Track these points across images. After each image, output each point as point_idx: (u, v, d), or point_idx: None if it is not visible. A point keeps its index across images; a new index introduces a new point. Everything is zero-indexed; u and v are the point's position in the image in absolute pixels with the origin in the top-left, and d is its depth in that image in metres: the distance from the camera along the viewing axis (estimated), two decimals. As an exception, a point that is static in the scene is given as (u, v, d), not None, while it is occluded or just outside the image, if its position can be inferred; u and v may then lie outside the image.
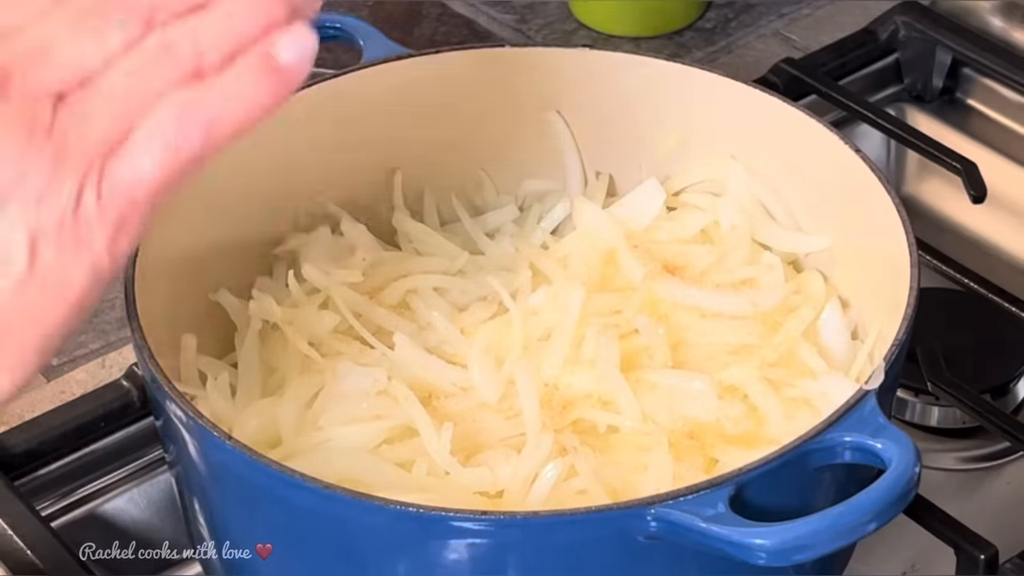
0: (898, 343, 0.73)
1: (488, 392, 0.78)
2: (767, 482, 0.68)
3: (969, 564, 0.80)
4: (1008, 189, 1.07)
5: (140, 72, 0.55)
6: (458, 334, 0.81)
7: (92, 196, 0.54)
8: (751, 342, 0.80)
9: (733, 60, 1.17)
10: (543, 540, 0.68)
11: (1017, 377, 0.94)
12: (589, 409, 0.77)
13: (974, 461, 0.92)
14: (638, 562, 0.68)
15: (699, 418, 0.77)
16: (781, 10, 1.21)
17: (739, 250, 0.85)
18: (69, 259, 0.54)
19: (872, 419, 0.70)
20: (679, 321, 0.81)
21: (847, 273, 0.84)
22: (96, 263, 0.55)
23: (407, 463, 0.74)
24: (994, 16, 1.16)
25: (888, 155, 1.10)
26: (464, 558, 0.68)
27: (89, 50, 0.55)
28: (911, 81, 1.13)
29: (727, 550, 0.66)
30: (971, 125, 1.12)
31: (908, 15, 1.12)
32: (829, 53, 1.11)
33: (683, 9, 1.20)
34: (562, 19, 1.21)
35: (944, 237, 1.03)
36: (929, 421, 0.93)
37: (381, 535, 0.69)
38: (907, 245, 0.77)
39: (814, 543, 0.66)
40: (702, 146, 0.88)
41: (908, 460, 0.68)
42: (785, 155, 0.86)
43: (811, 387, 0.78)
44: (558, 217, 0.89)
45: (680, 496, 0.66)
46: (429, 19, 1.22)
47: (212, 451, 0.70)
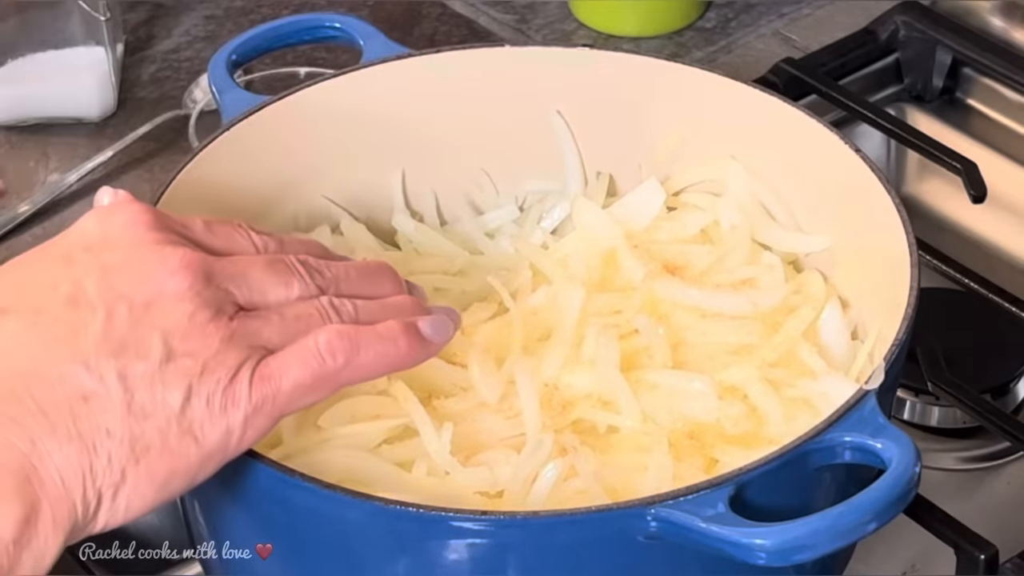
0: (898, 343, 0.73)
1: (488, 392, 0.78)
2: (767, 482, 0.68)
3: (969, 564, 0.80)
4: (1008, 189, 1.07)
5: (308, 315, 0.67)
6: (458, 334, 0.81)
7: (246, 375, 0.64)
8: (751, 342, 0.80)
9: (733, 60, 1.17)
10: (543, 540, 0.68)
11: (1017, 377, 0.94)
12: (589, 409, 0.77)
13: (974, 461, 0.92)
14: (638, 562, 0.68)
15: (699, 418, 0.77)
16: (781, 10, 1.21)
17: (739, 250, 0.85)
18: (213, 417, 0.64)
19: (872, 419, 0.70)
20: (679, 321, 0.81)
21: (847, 273, 0.84)
22: (230, 429, 0.64)
23: (407, 463, 0.74)
24: (994, 16, 1.16)
25: (888, 155, 1.10)
26: (464, 558, 0.68)
27: (274, 287, 0.67)
28: (911, 81, 1.13)
29: (727, 550, 0.66)
30: (971, 125, 1.12)
31: (908, 15, 1.12)
32: (829, 53, 1.11)
33: (683, 9, 1.20)
34: (562, 19, 1.21)
35: (944, 237, 1.03)
36: (929, 421, 0.93)
37: (381, 535, 0.69)
38: (907, 245, 0.77)
39: (814, 543, 0.66)
40: (702, 146, 0.88)
41: (908, 460, 0.68)
42: (785, 155, 0.86)
43: (811, 387, 0.77)
44: (558, 217, 0.89)
45: (680, 496, 0.66)
46: (429, 19, 1.22)
47: (212, 451, 0.70)
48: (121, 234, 0.65)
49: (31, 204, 1.07)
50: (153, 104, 1.15)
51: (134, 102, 1.15)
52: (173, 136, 1.12)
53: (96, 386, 0.62)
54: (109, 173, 1.09)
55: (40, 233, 1.05)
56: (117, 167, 1.10)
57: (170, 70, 1.17)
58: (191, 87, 1.14)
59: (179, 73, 1.17)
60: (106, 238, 0.65)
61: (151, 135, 1.11)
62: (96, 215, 0.66)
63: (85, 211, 0.68)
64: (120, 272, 0.64)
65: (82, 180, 1.08)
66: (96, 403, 0.61)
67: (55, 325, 0.62)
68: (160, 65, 1.18)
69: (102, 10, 1.10)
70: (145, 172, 1.10)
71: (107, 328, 0.62)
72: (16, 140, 1.13)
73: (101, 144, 1.11)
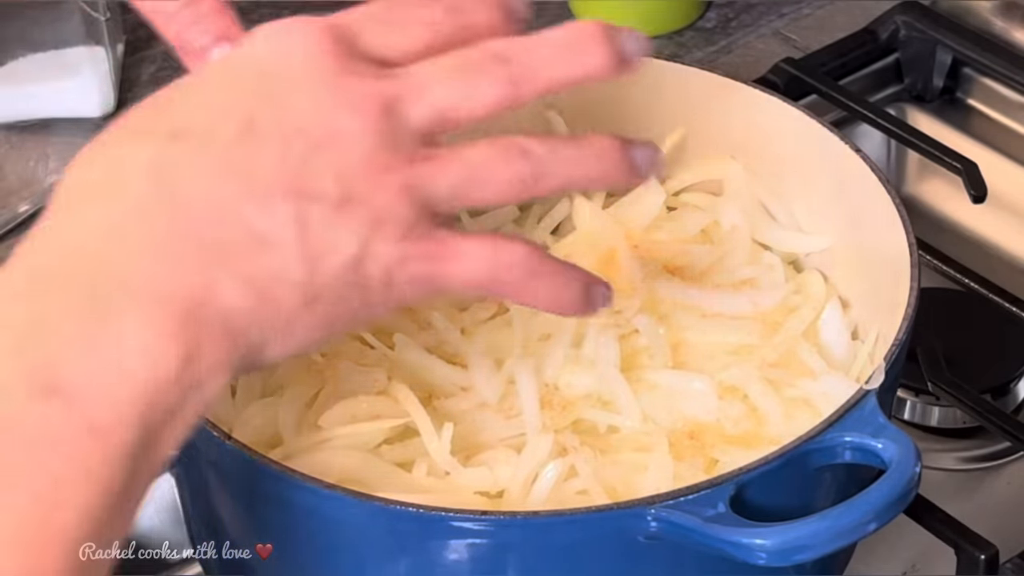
0: (898, 343, 0.73)
1: (488, 392, 0.78)
2: (767, 482, 0.68)
3: (969, 564, 0.80)
4: (1008, 189, 1.07)
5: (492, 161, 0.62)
6: (458, 334, 0.81)
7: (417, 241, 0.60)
8: (751, 342, 0.80)
9: (733, 60, 1.17)
10: (543, 540, 0.68)
11: (1017, 377, 0.94)
12: (589, 409, 0.77)
13: (974, 461, 0.92)
14: (638, 562, 0.68)
15: (699, 418, 0.77)
16: (781, 10, 1.21)
17: (739, 250, 0.85)
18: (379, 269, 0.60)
19: (872, 419, 0.70)
20: (679, 321, 0.81)
21: (847, 273, 0.84)
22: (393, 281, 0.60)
23: (407, 463, 0.74)
24: (994, 16, 1.16)
25: (888, 155, 1.10)
26: (464, 558, 0.68)
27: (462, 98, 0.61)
28: (911, 81, 1.13)
29: (727, 550, 0.66)
30: (971, 125, 1.12)
31: (908, 15, 1.12)
32: (829, 53, 1.11)
33: (683, 9, 1.20)
34: (562, 19, 1.20)
35: (944, 237, 1.03)
36: (929, 421, 0.93)
37: (381, 535, 0.69)
38: (907, 245, 0.77)
39: (814, 543, 0.66)
40: (702, 146, 0.88)
41: (908, 460, 0.68)
42: (785, 155, 0.86)
43: (811, 387, 0.77)
44: (558, 217, 0.89)
45: (680, 496, 0.66)
46: (429, 19, 1.21)
47: (212, 451, 0.70)
48: (297, 60, 0.60)
49: (31, 204, 1.07)
50: (153, 104, 1.14)
51: (134, 102, 1.14)
52: (173, 136, 1.12)
53: (270, 226, 0.58)
54: (109, 173, 1.09)
55: (40, 233, 1.05)
56: (117, 167, 1.10)
57: (170, 70, 1.17)
58: (191, 87, 1.14)
59: (179, 73, 1.15)
60: (280, 63, 0.60)
61: (151, 135, 1.11)
62: (269, 35, 0.61)
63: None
64: (296, 104, 0.59)
65: (82, 180, 1.08)
66: (270, 245, 0.58)
67: (228, 155, 0.58)
68: (160, 65, 1.18)
69: (102, 10, 1.10)
70: (145, 172, 1.10)
71: (281, 164, 0.58)
72: (16, 140, 1.12)
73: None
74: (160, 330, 0.56)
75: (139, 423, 0.55)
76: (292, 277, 0.58)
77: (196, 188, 0.58)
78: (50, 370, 0.54)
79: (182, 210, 0.58)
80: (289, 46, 0.61)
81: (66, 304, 0.56)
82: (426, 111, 0.61)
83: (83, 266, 0.57)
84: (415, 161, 0.60)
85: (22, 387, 0.54)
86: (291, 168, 0.58)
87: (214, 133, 0.59)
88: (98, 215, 0.58)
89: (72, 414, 0.54)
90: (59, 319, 0.55)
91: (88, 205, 0.58)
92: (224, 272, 0.57)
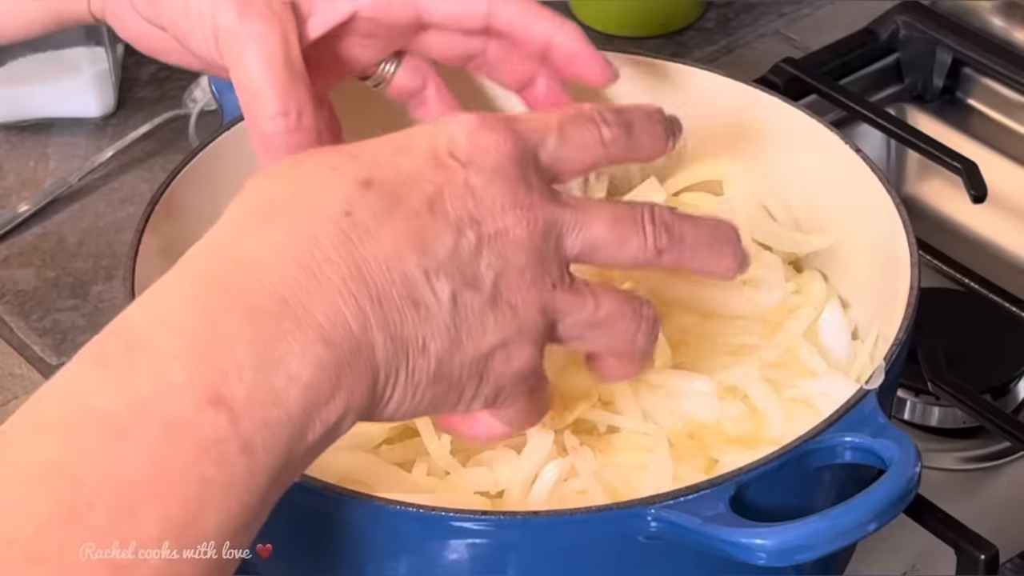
0: (898, 343, 0.73)
1: (488, 392, 0.78)
2: (767, 482, 0.68)
3: (969, 564, 0.80)
4: (1008, 189, 1.07)
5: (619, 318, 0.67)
6: (458, 334, 0.81)
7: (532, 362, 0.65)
8: (751, 342, 0.80)
9: (733, 60, 1.17)
10: (543, 540, 0.68)
11: (1017, 377, 0.94)
12: (589, 409, 0.77)
13: (974, 461, 0.92)
14: (638, 562, 0.68)
15: (699, 418, 0.77)
16: (781, 10, 1.21)
17: (739, 250, 0.85)
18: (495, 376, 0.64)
19: (872, 419, 0.70)
20: (679, 321, 0.81)
21: (847, 273, 0.84)
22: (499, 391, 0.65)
23: (407, 463, 0.74)
24: (994, 16, 1.16)
25: (888, 155, 1.10)
26: (464, 558, 0.68)
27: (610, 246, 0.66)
28: (911, 81, 1.13)
29: (727, 550, 0.66)
30: (971, 125, 1.12)
31: (908, 15, 1.12)
32: (829, 53, 1.11)
33: (683, 9, 1.20)
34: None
35: (944, 237, 1.03)
36: (929, 421, 0.93)
37: (381, 535, 0.69)
38: (907, 245, 0.77)
39: (814, 543, 0.66)
40: (702, 146, 0.88)
41: (908, 460, 0.68)
42: (785, 155, 0.86)
43: (811, 387, 0.77)
44: (558, 217, 0.89)
45: (680, 496, 0.66)
46: (429, 19, 1.21)
47: (212, 451, 0.70)
48: (487, 157, 0.63)
49: (31, 204, 1.07)
50: (153, 104, 1.15)
51: (134, 102, 1.15)
52: (173, 136, 1.12)
53: (430, 299, 0.61)
54: (109, 173, 1.09)
55: (40, 232, 1.05)
56: (117, 167, 1.10)
57: (170, 70, 1.17)
58: (191, 87, 1.14)
59: (179, 73, 1.17)
60: (472, 154, 0.63)
61: (151, 135, 1.11)
62: (467, 127, 0.64)
63: (85, 211, 0.67)
64: (478, 196, 0.62)
65: (82, 180, 1.08)
66: (425, 314, 0.61)
67: (412, 222, 0.61)
68: (160, 65, 1.17)
69: (102, 10, 1.10)
70: (145, 172, 1.10)
71: (454, 247, 0.61)
72: (16, 140, 1.13)
73: (101, 144, 1.11)
74: (320, 365, 0.58)
75: (284, 451, 0.58)
76: (435, 348, 0.61)
77: (378, 244, 0.60)
78: (220, 382, 0.56)
79: (359, 259, 0.60)
80: (481, 142, 0.64)
81: (238, 317, 0.58)
82: (579, 246, 0.65)
83: (257, 283, 0.58)
84: (558, 288, 0.64)
85: (192, 393, 0.56)
86: (461, 254, 0.62)
87: (403, 195, 0.62)
88: (279, 237, 0.60)
89: (232, 429, 0.56)
90: (232, 331, 0.57)
91: (271, 225, 0.60)
92: (380, 325, 0.60)
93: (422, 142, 0.64)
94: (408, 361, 0.61)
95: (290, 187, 0.62)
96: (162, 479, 0.55)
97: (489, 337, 0.62)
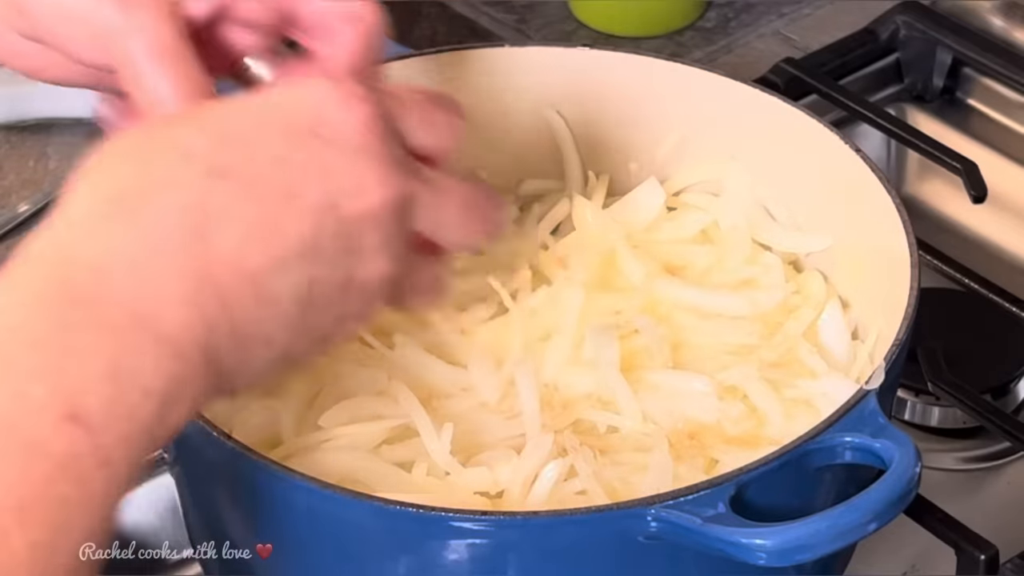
0: (898, 343, 0.73)
1: (488, 392, 0.78)
2: (767, 482, 0.68)
3: (969, 564, 0.80)
4: (1008, 189, 1.07)
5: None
6: (458, 334, 0.81)
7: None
8: (751, 342, 0.80)
9: (733, 60, 1.17)
10: (543, 540, 0.68)
11: (1017, 377, 0.94)
12: (589, 409, 0.77)
13: (974, 461, 0.92)
14: (638, 562, 0.68)
15: (699, 418, 0.77)
16: (781, 10, 1.21)
17: (739, 250, 0.85)
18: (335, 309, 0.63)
19: (872, 419, 0.70)
20: (679, 321, 0.81)
21: (847, 273, 0.84)
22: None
23: (407, 463, 0.74)
24: (994, 16, 1.16)
25: (888, 155, 1.10)
26: (464, 558, 0.68)
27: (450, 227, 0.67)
28: (911, 81, 1.13)
29: (727, 550, 0.66)
30: (971, 125, 1.12)
31: (908, 15, 1.12)
32: (829, 53, 1.11)
33: (683, 9, 1.20)
34: (562, 19, 1.21)
35: (944, 237, 1.03)
36: (929, 421, 0.93)
37: (381, 535, 0.69)
38: (907, 245, 0.77)
39: (814, 543, 0.66)
40: (702, 146, 0.88)
41: (908, 460, 0.68)
42: (785, 155, 0.86)
43: (811, 387, 0.77)
44: (558, 217, 0.89)
45: (680, 496, 0.66)
46: (429, 19, 1.22)
47: (212, 451, 0.70)
48: (354, 135, 0.62)
49: (31, 204, 1.07)
50: (153, 104, 1.14)
51: (134, 102, 1.15)
52: (173, 136, 1.12)
53: (279, 293, 0.61)
54: (109, 173, 1.09)
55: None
56: (117, 167, 1.10)
57: (170, 70, 1.17)
58: (191, 87, 1.14)
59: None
60: (337, 131, 0.62)
61: (151, 135, 1.11)
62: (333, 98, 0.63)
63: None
64: (339, 178, 0.62)
65: (82, 180, 1.08)
66: (274, 311, 0.61)
67: (265, 214, 0.60)
68: (160, 65, 1.17)
69: (102, 10, 1.10)
70: (145, 172, 1.10)
71: (311, 237, 0.61)
72: (16, 140, 1.12)
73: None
74: (171, 377, 0.58)
75: (139, 458, 0.58)
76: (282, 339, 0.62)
77: (228, 242, 0.60)
78: (77, 399, 0.56)
79: (209, 261, 0.59)
80: (342, 115, 0.63)
81: (93, 332, 0.57)
82: (427, 224, 0.66)
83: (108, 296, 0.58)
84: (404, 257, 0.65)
85: (50, 410, 0.56)
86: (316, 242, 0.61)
87: (257, 181, 0.61)
88: (127, 243, 0.59)
89: (89, 444, 0.56)
90: (87, 346, 0.57)
91: (117, 226, 0.60)
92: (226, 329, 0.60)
93: (282, 115, 0.63)
94: (254, 355, 0.61)
95: (137, 176, 0.61)
96: (28, 502, 0.54)
97: (329, 318, 0.63)
